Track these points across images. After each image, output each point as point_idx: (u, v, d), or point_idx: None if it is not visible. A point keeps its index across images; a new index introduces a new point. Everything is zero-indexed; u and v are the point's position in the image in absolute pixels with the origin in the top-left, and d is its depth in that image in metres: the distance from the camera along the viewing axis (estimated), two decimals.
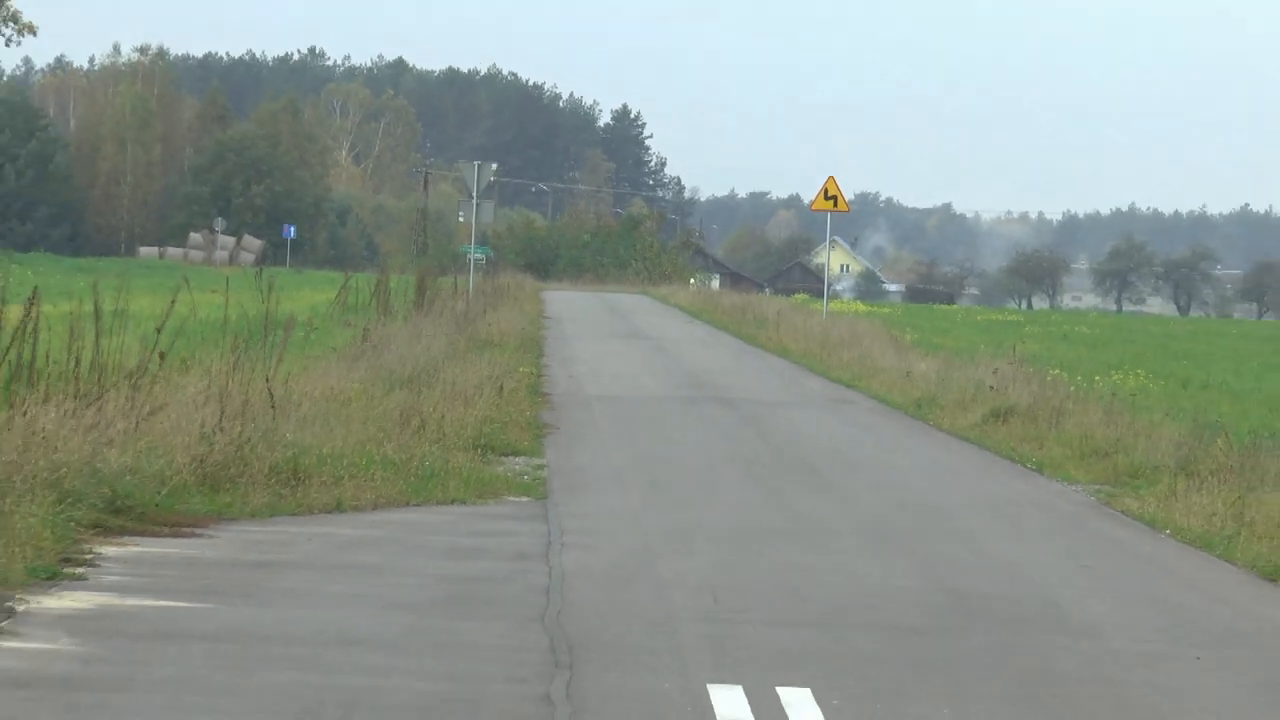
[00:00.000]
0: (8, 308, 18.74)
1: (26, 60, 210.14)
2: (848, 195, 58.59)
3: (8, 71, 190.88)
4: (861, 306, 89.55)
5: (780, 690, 11.61)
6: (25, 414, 16.57)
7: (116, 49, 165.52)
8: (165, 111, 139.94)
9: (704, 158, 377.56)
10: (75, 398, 17.82)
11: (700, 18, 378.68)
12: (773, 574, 16.06)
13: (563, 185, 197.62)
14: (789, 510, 20.32)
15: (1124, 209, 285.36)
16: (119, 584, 14.03)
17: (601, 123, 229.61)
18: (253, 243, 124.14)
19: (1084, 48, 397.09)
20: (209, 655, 11.89)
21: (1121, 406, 30.00)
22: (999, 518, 20.66)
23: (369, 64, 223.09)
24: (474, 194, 56.02)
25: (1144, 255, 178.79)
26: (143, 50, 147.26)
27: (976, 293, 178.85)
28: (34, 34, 76.96)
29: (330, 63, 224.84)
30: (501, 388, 29.38)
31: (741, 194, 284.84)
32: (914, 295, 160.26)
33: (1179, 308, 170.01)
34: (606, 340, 52.88)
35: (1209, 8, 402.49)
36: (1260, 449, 23.32)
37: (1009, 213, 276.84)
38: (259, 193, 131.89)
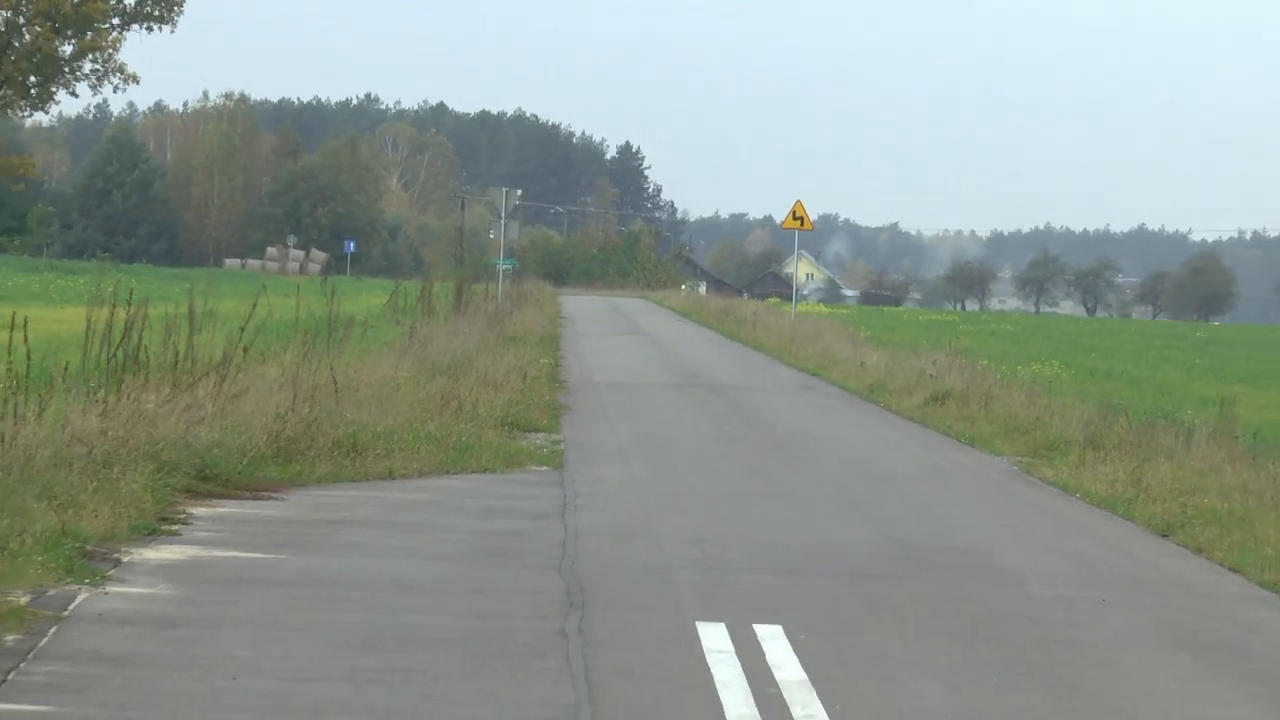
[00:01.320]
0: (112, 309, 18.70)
1: (130, 104, 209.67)
2: (812, 216, 58.47)
3: (115, 113, 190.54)
4: (824, 309, 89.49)
5: (756, 626, 11.59)
6: (131, 398, 16.55)
7: (206, 94, 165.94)
8: (246, 146, 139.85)
9: (693, 185, 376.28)
10: (172, 384, 17.78)
11: (692, 70, 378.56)
12: (751, 529, 16.03)
13: (576, 208, 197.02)
14: (764, 476, 20.29)
15: (1041, 227, 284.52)
16: (208, 539, 14.02)
17: (608, 156, 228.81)
18: (319, 255, 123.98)
19: (1007, 93, 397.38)
20: (284, 598, 11.88)
21: (1040, 391, 30.00)
22: (939, 483, 20.63)
23: (415, 107, 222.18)
24: (503, 215, 55.98)
25: (1058, 266, 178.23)
26: (228, 95, 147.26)
27: (919, 297, 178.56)
28: (137, 83, 76.46)
29: (383, 106, 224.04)
30: (525, 375, 29.32)
31: (724, 215, 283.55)
32: (867, 299, 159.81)
33: (1087, 310, 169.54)
34: (612, 336, 52.84)
35: (1116, 57, 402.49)
36: (1154, 427, 23.34)
37: (946, 230, 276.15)
38: (324, 214, 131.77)
